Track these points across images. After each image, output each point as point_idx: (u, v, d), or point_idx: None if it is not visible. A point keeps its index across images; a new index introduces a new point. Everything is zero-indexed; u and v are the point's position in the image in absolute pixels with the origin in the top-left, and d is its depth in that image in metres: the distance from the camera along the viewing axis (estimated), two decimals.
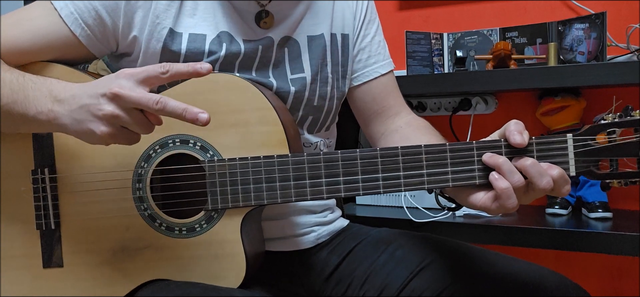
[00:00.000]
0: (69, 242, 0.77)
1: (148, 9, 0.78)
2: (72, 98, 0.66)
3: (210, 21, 0.81)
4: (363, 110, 0.97)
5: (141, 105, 0.62)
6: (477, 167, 0.69)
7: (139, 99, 0.62)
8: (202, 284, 0.73)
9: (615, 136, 0.67)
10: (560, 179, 0.66)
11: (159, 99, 0.62)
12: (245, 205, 0.73)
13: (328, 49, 0.88)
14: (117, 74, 0.64)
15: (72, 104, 0.66)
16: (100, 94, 0.63)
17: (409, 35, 1.42)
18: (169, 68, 0.64)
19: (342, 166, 0.71)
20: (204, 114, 0.63)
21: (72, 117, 0.66)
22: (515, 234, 1.19)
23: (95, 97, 0.64)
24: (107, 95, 0.63)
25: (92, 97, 0.64)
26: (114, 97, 0.63)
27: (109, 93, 0.63)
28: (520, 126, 0.68)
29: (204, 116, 0.63)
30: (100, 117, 0.63)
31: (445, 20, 1.57)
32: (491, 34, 1.42)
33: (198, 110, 0.62)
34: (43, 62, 0.78)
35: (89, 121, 0.64)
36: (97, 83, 0.65)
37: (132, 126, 0.64)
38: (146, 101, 0.62)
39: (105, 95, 0.63)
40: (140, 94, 0.62)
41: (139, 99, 0.62)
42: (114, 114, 0.63)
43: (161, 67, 0.64)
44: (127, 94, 0.62)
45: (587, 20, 1.27)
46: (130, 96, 0.62)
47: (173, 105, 0.62)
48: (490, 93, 1.44)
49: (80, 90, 0.66)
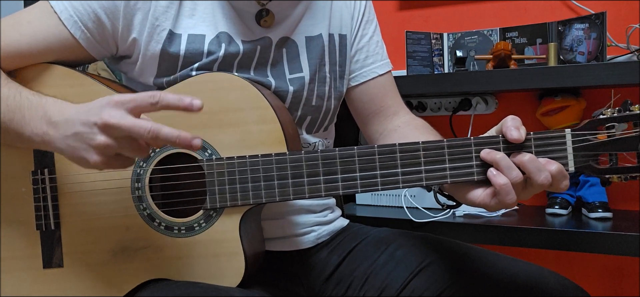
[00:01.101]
0: (69, 242, 0.78)
1: (147, 10, 0.78)
2: (65, 123, 0.66)
3: (210, 21, 0.81)
4: (361, 110, 0.97)
5: (133, 134, 0.62)
6: (475, 163, 0.69)
7: (130, 128, 0.61)
8: (201, 284, 0.73)
9: (614, 131, 0.67)
10: (559, 174, 0.66)
11: (150, 127, 0.61)
12: (243, 204, 0.73)
13: (326, 50, 0.89)
14: (108, 100, 0.63)
15: (66, 129, 0.66)
16: (92, 123, 0.63)
17: (409, 35, 1.43)
18: (158, 99, 0.63)
19: (340, 163, 0.71)
20: (198, 139, 0.62)
21: (66, 143, 0.66)
22: (515, 234, 1.19)
23: (88, 126, 0.64)
24: (99, 125, 0.62)
25: (85, 125, 0.64)
26: (105, 128, 0.62)
27: (100, 123, 0.62)
28: (517, 122, 0.68)
29: (198, 142, 0.62)
30: (93, 147, 0.64)
31: (445, 20, 1.57)
32: (491, 34, 1.42)
33: (191, 136, 0.62)
34: (44, 64, 0.78)
35: (82, 149, 0.65)
36: (89, 109, 0.64)
37: (126, 152, 0.64)
38: (137, 129, 0.61)
39: (96, 125, 0.63)
40: (131, 123, 0.61)
41: (131, 128, 0.61)
42: (106, 144, 0.63)
43: (151, 97, 0.63)
44: (118, 123, 0.61)
45: (587, 21, 1.27)
46: (121, 125, 0.61)
47: (166, 132, 0.61)
48: (490, 93, 1.44)
49: (75, 115, 0.66)
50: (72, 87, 0.77)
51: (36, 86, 0.77)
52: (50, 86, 0.77)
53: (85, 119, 0.64)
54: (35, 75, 0.78)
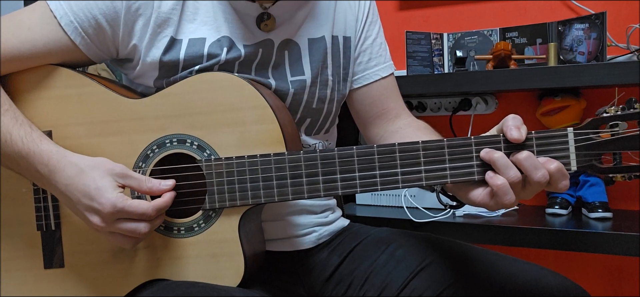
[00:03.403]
0: (70, 242, 0.78)
1: (149, 17, 0.78)
2: (65, 189, 0.71)
3: (211, 25, 0.81)
4: (363, 112, 0.96)
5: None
6: (476, 162, 0.68)
7: (124, 231, 0.71)
8: (201, 284, 0.73)
9: (618, 129, 0.65)
10: (558, 172, 0.65)
11: (144, 231, 0.71)
12: (242, 204, 0.73)
13: (329, 52, 0.88)
14: (106, 200, 0.69)
15: (67, 192, 0.71)
16: (91, 209, 0.70)
17: (409, 36, 1.43)
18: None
19: (339, 163, 0.71)
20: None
21: (67, 204, 0.73)
22: (515, 234, 1.19)
23: (86, 206, 0.70)
24: (97, 213, 0.70)
25: (83, 207, 0.70)
26: (101, 217, 0.70)
27: (98, 213, 0.70)
28: (518, 121, 0.67)
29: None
30: (89, 223, 0.71)
31: (445, 20, 1.57)
32: (491, 34, 1.42)
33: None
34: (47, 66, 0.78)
35: (81, 215, 0.72)
36: (90, 194, 0.70)
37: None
38: (134, 229, 0.71)
39: (94, 212, 0.70)
40: (126, 228, 0.71)
41: (125, 231, 0.71)
42: (102, 227, 0.70)
43: (147, 210, 0.70)
44: (112, 226, 0.70)
45: (587, 21, 1.27)
46: (116, 228, 0.71)
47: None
48: (490, 93, 1.44)
49: (74, 189, 0.71)
50: (72, 88, 0.78)
51: (37, 89, 0.78)
52: (50, 88, 0.78)
53: (78, 207, 0.71)
54: (35, 78, 0.78)
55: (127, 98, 0.77)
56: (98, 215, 0.69)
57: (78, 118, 0.76)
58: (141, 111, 0.76)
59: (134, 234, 0.70)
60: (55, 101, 0.77)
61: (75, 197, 0.70)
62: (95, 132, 0.76)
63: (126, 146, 0.75)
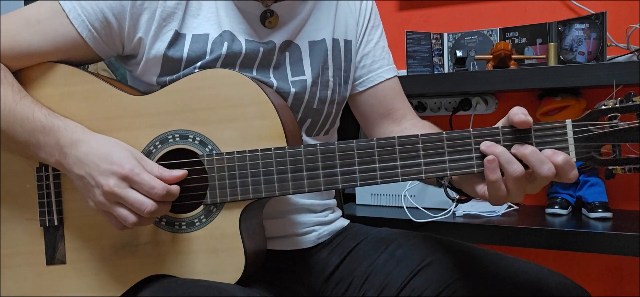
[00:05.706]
0: (72, 238, 0.78)
1: (154, 10, 0.78)
2: (76, 160, 0.72)
3: (214, 20, 0.81)
4: (369, 113, 0.97)
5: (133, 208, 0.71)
6: (475, 155, 0.69)
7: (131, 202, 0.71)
8: (203, 283, 0.73)
9: (617, 122, 0.66)
10: (566, 164, 0.65)
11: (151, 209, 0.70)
12: (243, 198, 0.74)
13: (330, 54, 0.89)
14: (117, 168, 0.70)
15: (76, 167, 0.72)
16: (96, 183, 0.71)
17: (409, 35, 1.43)
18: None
19: (339, 157, 0.71)
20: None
21: (74, 175, 0.73)
22: (515, 234, 1.19)
23: (93, 180, 0.71)
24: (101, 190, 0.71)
25: (90, 178, 0.71)
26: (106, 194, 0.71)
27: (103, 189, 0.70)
28: (524, 110, 0.67)
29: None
30: (93, 200, 0.72)
31: (445, 20, 1.58)
32: (491, 34, 1.43)
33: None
34: (47, 63, 0.79)
35: (85, 191, 0.73)
36: (99, 164, 0.71)
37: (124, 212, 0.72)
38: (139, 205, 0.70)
39: (99, 187, 0.71)
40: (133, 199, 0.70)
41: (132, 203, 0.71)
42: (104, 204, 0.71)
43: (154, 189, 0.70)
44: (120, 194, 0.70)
45: (587, 21, 1.28)
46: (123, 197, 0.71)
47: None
48: (490, 93, 1.45)
49: (85, 157, 0.72)
50: (76, 85, 0.78)
51: (40, 86, 0.78)
52: (54, 85, 0.78)
53: (92, 172, 0.71)
54: (39, 75, 0.78)
55: (130, 95, 0.77)
56: (113, 177, 0.69)
57: (82, 114, 0.77)
58: (144, 107, 0.76)
59: (139, 208, 0.69)
60: (59, 98, 0.78)
61: (93, 164, 0.70)
62: (99, 128, 0.76)
63: (130, 142, 0.75)
